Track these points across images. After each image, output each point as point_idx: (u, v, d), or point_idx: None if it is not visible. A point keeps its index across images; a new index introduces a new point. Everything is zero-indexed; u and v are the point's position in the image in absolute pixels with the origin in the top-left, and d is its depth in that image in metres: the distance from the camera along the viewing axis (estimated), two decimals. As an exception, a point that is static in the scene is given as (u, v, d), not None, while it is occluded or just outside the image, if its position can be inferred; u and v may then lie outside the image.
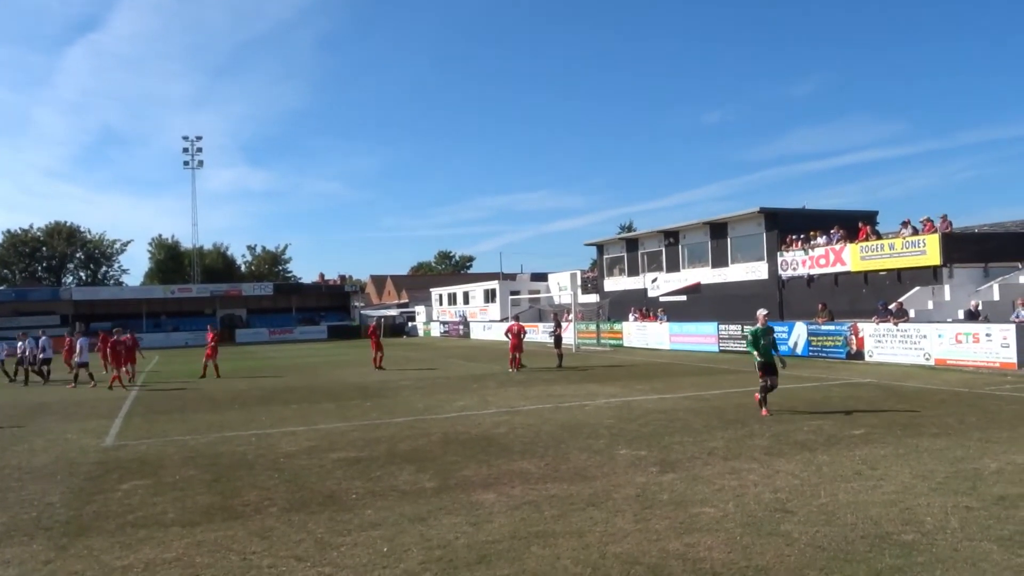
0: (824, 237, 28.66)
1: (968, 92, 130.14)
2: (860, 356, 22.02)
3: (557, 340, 25.37)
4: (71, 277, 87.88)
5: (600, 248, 45.21)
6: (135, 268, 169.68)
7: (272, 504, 7.51)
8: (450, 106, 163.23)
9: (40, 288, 70.59)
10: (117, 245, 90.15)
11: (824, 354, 23.25)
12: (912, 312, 22.31)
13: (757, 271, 32.37)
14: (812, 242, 29.10)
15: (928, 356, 20.04)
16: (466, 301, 58.50)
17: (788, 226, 31.10)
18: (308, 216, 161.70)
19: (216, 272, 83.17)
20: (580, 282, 39.57)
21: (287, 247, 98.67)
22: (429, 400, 16.05)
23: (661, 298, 36.00)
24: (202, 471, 9.26)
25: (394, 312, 73.77)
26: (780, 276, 30.39)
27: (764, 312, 12.97)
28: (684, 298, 34.77)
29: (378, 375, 23.20)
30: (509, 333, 23.44)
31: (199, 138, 74.95)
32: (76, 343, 23.42)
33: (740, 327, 26.93)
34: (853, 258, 26.86)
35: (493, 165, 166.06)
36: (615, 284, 42.71)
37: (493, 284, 55.61)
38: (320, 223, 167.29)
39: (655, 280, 39.04)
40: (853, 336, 22.43)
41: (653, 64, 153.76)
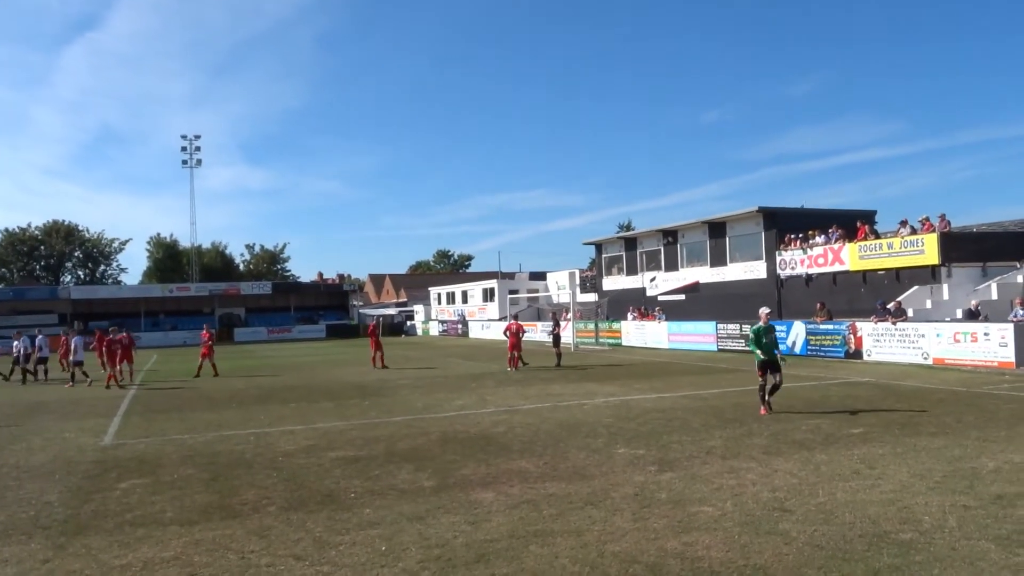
0: (823, 236, 28.69)
1: (967, 92, 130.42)
2: (858, 355, 22.03)
3: (556, 339, 25.40)
4: (69, 276, 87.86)
5: (599, 247, 45.24)
6: (133, 267, 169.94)
7: (270, 503, 7.51)
8: (449, 105, 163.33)
9: (38, 287, 70.50)
10: (115, 244, 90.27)
11: (822, 353, 23.27)
12: (910, 311, 22.33)
13: (755, 270, 32.40)
14: (811, 241, 29.12)
15: (926, 355, 20.06)
16: (464, 300, 58.48)
17: (787, 225, 31.15)
18: (307, 215, 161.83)
19: (214, 271, 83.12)
20: (579, 281, 39.62)
21: (286, 246, 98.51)
22: (428, 399, 16.05)
23: (660, 297, 36.01)
24: (200, 470, 9.26)
25: (393, 311, 73.74)
26: (778, 275, 30.40)
27: (767, 310, 12.97)
28: (683, 297, 34.79)
29: (377, 374, 23.19)
30: (508, 332, 23.46)
31: (198, 137, 74.88)
32: (71, 342, 23.41)
33: (738, 326, 26.96)
34: (851, 257, 26.88)
35: (492, 164, 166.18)
36: (614, 283, 42.72)
37: (492, 283, 55.60)
38: (319, 222, 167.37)
39: (654, 279, 39.07)
40: (851, 335, 22.45)
41: (652, 63, 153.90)
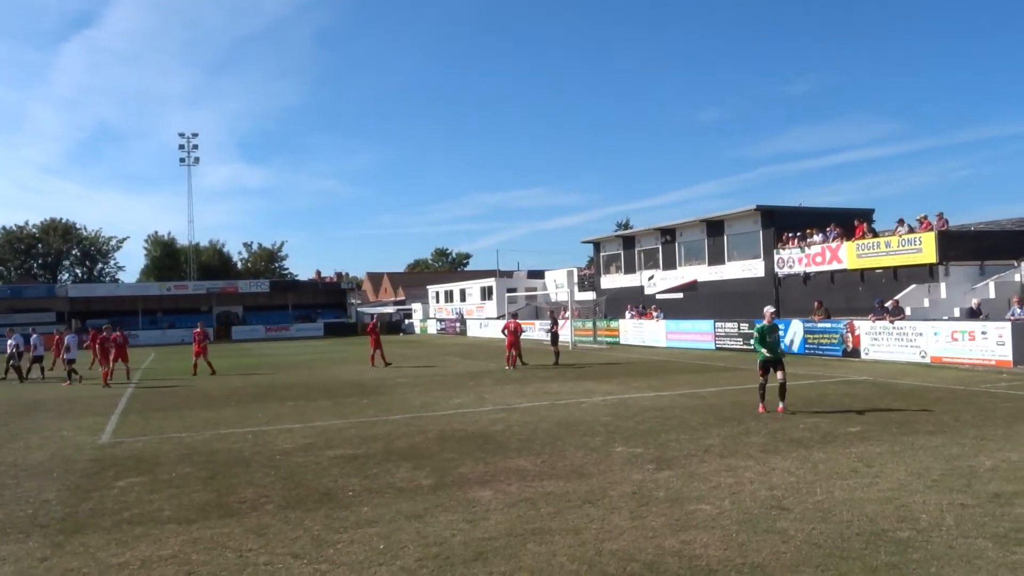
0: (820, 235, 28.69)
1: (965, 91, 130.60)
2: (856, 354, 22.06)
3: (554, 338, 25.42)
4: (67, 274, 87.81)
5: (597, 246, 45.23)
6: (131, 265, 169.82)
7: (268, 501, 7.51)
8: (447, 103, 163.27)
9: (36, 285, 70.47)
10: (113, 242, 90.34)
11: (820, 352, 23.29)
12: (908, 310, 22.35)
13: (753, 269, 32.41)
14: (808, 240, 29.12)
15: (924, 354, 20.09)
16: (463, 298, 58.45)
17: (784, 224, 31.14)
18: (305, 213, 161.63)
19: (212, 269, 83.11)
20: (577, 280, 39.61)
21: (283, 244, 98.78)
22: (426, 397, 16.05)
23: (658, 295, 36.01)
24: (198, 468, 9.25)
25: (391, 309, 73.73)
26: (776, 274, 30.41)
27: (771, 309, 12.98)
28: (680, 296, 34.77)
29: (375, 372, 23.18)
30: (506, 330, 23.46)
31: (195, 135, 75.04)
32: (65, 340, 23.38)
33: (736, 325, 26.99)
34: (849, 256, 26.90)
35: (490, 162, 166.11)
36: (612, 282, 42.72)
37: (490, 281, 55.57)
38: (317, 220, 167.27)
39: (652, 278, 39.07)
40: (849, 334, 22.47)
41: (650, 62, 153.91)
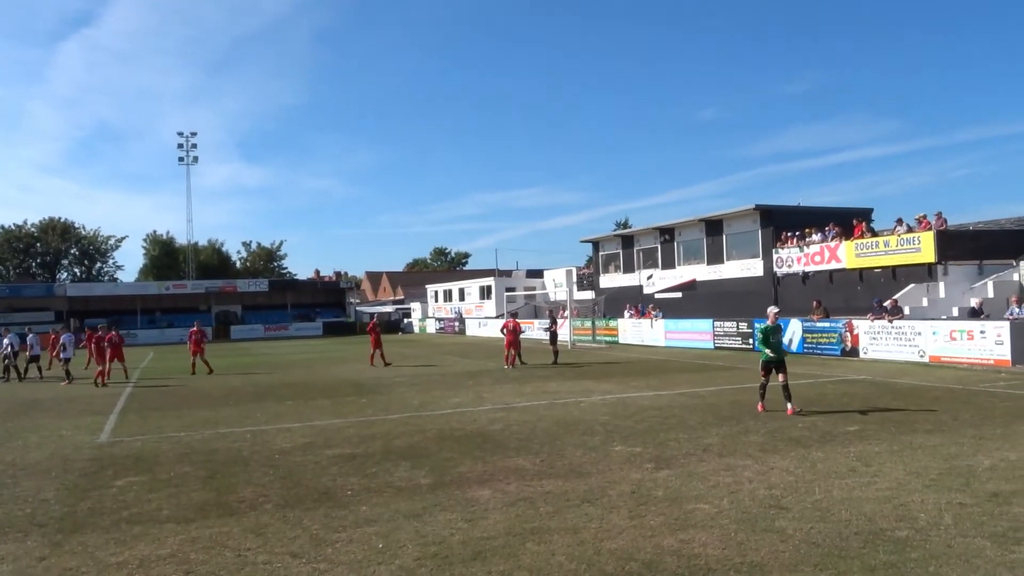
0: (819, 234, 28.73)
1: (964, 90, 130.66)
2: (855, 353, 22.07)
3: (553, 337, 25.42)
4: (65, 273, 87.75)
5: (596, 245, 45.25)
6: (130, 264, 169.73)
7: (267, 500, 7.51)
8: (446, 102, 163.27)
9: (34, 284, 70.40)
10: (112, 241, 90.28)
11: (819, 351, 23.30)
12: (907, 309, 22.36)
13: (752, 268, 32.43)
14: (807, 239, 29.16)
15: (922, 353, 20.11)
16: (462, 298, 58.45)
17: (783, 223, 31.18)
18: (304, 212, 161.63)
19: (211, 268, 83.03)
20: (576, 279, 39.63)
21: (282, 243, 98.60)
22: (424, 396, 16.05)
23: (656, 295, 36.02)
24: (197, 467, 9.25)
25: (390, 309, 73.71)
26: (775, 273, 30.44)
27: (775, 310, 12.95)
28: (679, 295, 34.79)
29: (374, 371, 23.18)
30: (505, 330, 23.45)
31: (194, 134, 74.79)
32: (61, 339, 23.37)
33: (735, 324, 27.01)
34: (848, 255, 26.92)
35: (489, 161, 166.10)
36: (611, 281, 42.74)
37: (489, 281, 55.58)
38: (316, 219, 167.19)
39: (650, 277, 39.08)
40: (848, 333, 22.48)
41: (649, 61, 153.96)
